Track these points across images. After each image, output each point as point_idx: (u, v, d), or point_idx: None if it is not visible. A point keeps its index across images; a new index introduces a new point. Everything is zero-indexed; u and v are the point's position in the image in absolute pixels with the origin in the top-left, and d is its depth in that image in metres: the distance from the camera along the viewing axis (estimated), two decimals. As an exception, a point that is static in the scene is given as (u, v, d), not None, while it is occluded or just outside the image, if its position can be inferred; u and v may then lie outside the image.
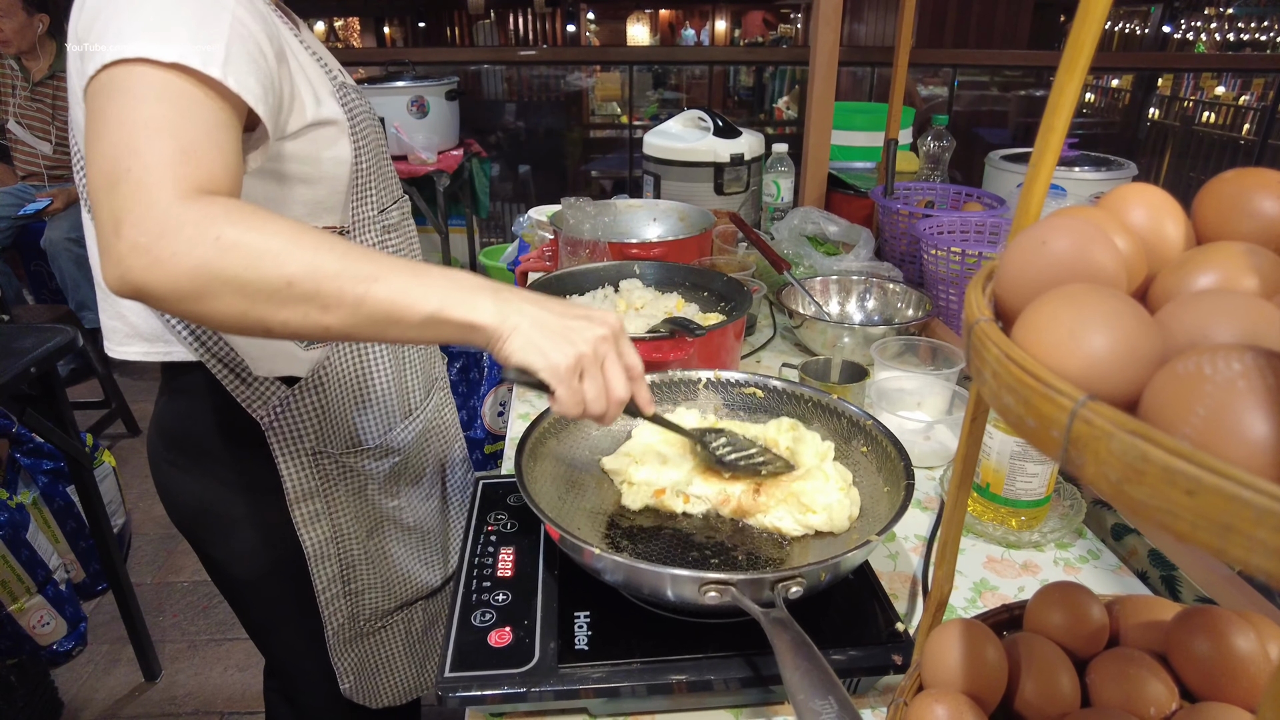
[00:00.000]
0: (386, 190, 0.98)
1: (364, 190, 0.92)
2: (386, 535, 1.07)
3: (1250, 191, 0.41)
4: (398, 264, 0.67)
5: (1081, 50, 0.39)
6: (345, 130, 0.87)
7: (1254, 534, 0.22)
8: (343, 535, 1.01)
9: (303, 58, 0.85)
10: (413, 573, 1.12)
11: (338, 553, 1.01)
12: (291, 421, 0.93)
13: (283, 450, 0.93)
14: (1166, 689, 0.51)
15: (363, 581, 1.05)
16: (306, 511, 0.97)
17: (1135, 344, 0.30)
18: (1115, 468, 0.26)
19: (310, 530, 0.98)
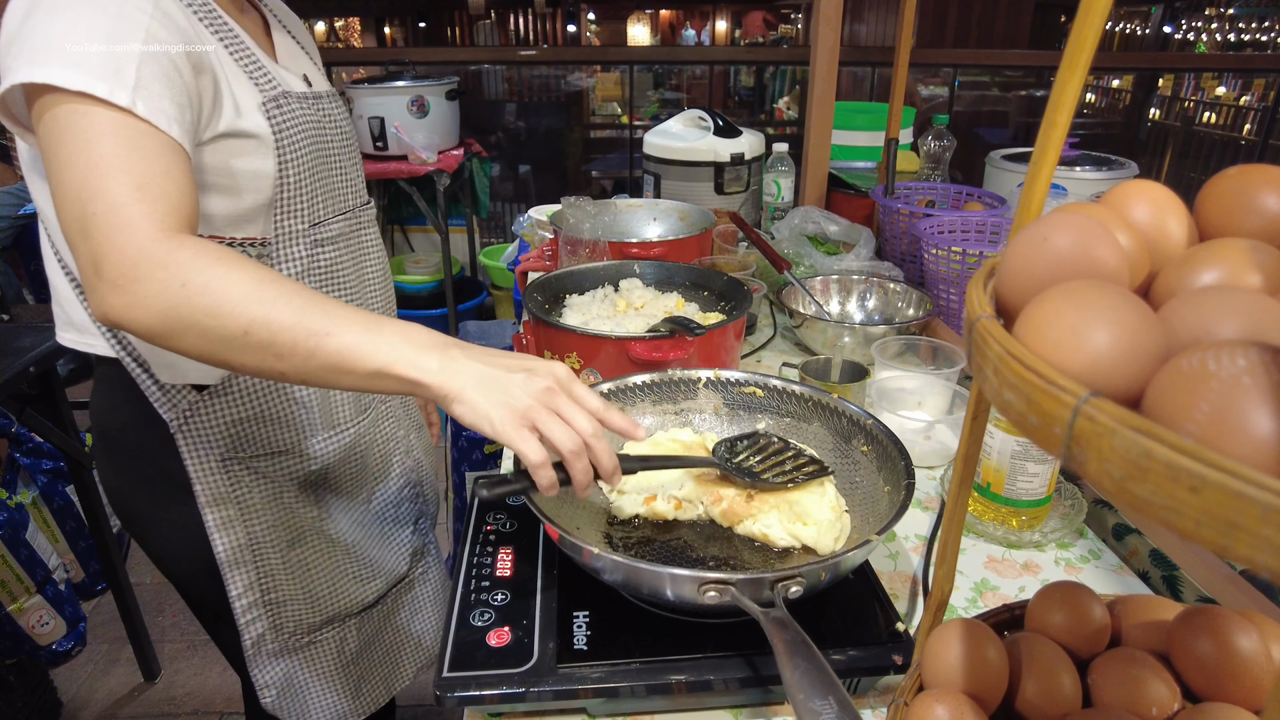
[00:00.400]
0: (328, 202, 0.95)
1: (291, 204, 0.90)
2: (309, 546, 1.04)
3: (1254, 188, 0.41)
4: (354, 318, 0.70)
5: (1083, 46, 0.39)
6: (268, 145, 0.86)
7: (1260, 531, 0.22)
8: (259, 543, 0.98)
9: (228, 69, 0.84)
10: (340, 586, 1.08)
11: (254, 560, 0.98)
12: (201, 426, 0.91)
13: (192, 453, 0.92)
14: (1169, 689, 0.51)
15: (283, 592, 1.02)
16: (218, 517, 0.95)
17: (1138, 340, 0.29)
18: (1118, 465, 0.25)
19: (223, 536, 0.95)
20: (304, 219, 0.92)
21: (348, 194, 1.00)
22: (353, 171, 1.02)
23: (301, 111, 0.90)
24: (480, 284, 3.97)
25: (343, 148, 0.99)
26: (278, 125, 0.86)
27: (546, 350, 1.23)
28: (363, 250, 1.04)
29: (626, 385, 0.99)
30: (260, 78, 0.87)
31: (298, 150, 0.88)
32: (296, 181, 0.89)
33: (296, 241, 0.92)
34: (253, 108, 0.85)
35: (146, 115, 0.71)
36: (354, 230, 1.01)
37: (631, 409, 1.00)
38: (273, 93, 0.87)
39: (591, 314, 1.31)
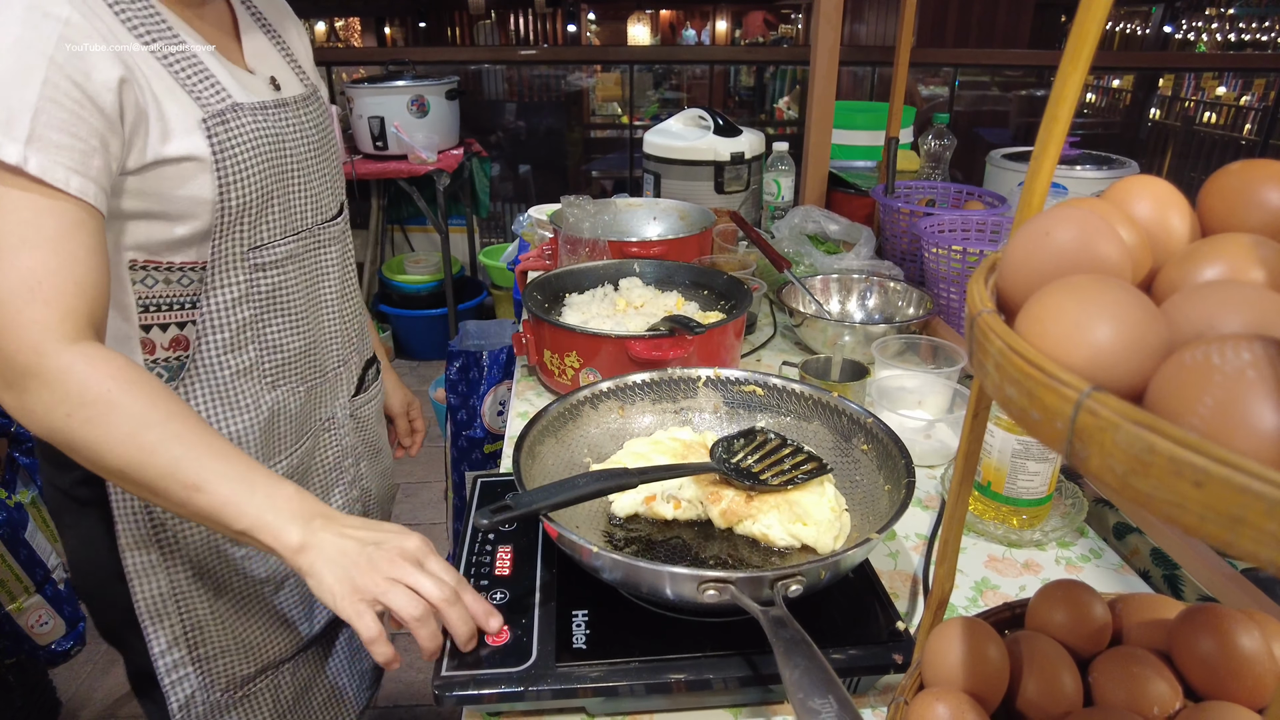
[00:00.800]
0: (278, 223, 0.89)
1: (231, 228, 0.83)
2: (237, 589, 0.96)
3: (1257, 183, 0.40)
4: (230, 471, 0.71)
5: (1085, 40, 0.39)
6: (207, 168, 0.79)
7: (1264, 526, 0.21)
8: (184, 593, 0.91)
9: (157, 86, 0.76)
10: (274, 630, 1.01)
11: (179, 610, 0.91)
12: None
13: (111, 491, 0.87)
14: (1170, 688, 0.51)
15: (214, 645, 0.95)
16: (139, 562, 0.88)
17: (1141, 335, 0.29)
18: (1121, 460, 0.25)
19: (146, 582, 0.89)
20: (243, 242, 0.85)
21: (307, 211, 0.93)
22: (320, 185, 0.95)
23: (254, 126, 0.83)
24: (480, 284, 3.97)
25: (312, 158, 0.93)
26: (220, 145, 0.79)
27: (546, 349, 1.22)
28: (319, 270, 0.97)
29: (626, 384, 0.99)
30: (203, 90, 0.80)
31: (244, 171, 0.82)
32: (240, 205, 0.83)
33: (234, 266, 0.85)
34: (190, 127, 0.78)
35: (38, 173, 0.66)
36: (309, 250, 0.94)
37: (631, 407, 1.00)
38: (217, 107, 0.80)
39: (591, 313, 1.31)
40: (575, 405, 0.95)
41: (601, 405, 0.98)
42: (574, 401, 0.95)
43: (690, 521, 0.86)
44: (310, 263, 0.95)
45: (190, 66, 0.80)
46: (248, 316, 0.88)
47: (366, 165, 3.22)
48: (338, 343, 1.03)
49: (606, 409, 0.98)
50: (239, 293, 0.87)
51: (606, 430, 0.97)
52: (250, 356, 0.90)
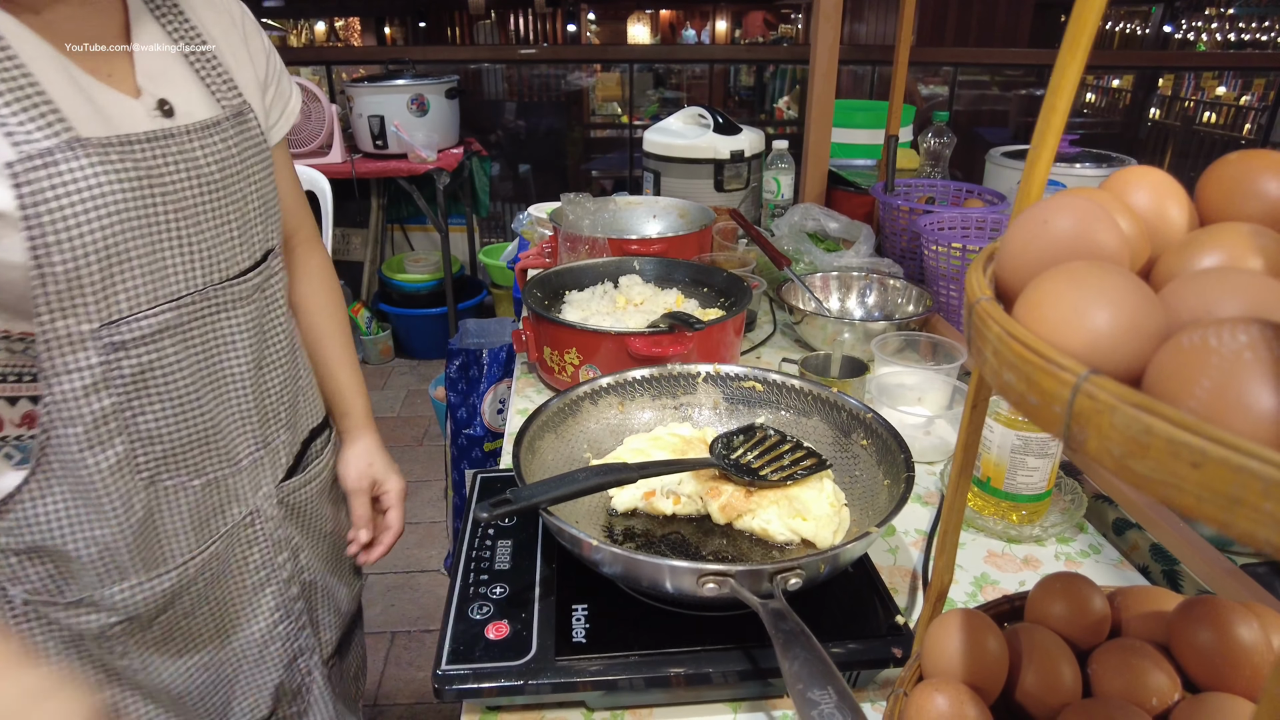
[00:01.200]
0: (145, 289, 0.71)
1: (64, 300, 0.66)
2: (123, 689, 0.83)
3: (1255, 173, 0.40)
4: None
5: (1084, 28, 0.39)
6: (13, 224, 0.62)
7: (1261, 506, 0.21)
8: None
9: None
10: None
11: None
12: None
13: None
14: (1169, 679, 0.51)
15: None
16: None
17: (1139, 320, 0.29)
18: (1119, 442, 0.25)
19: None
20: (90, 318, 0.68)
21: (194, 269, 0.75)
22: (219, 234, 0.76)
23: (101, 168, 0.65)
24: (480, 283, 3.97)
25: (207, 202, 0.75)
26: (34, 195, 0.62)
27: (546, 346, 1.23)
28: (217, 342, 0.79)
29: (626, 380, 0.99)
30: (24, 122, 0.62)
31: (74, 228, 0.64)
32: (70, 272, 0.65)
33: (78, 348, 0.68)
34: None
35: None
36: (198, 318, 0.76)
37: (630, 404, 1.00)
38: (39, 145, 0.62)
39: (591, 310, 1.31)
40: (575, 401, 0.95)
41: (601, 401, 0.98)
42: (574, 397, 0.95)
43: (689, 517, 0.86)
44: (201, 334, 0.77)
45: (13, 89, 0.62)
46: (109, 406, 0.71)
47: (366, 164, 3.22)
48: (253, 424, 0.85)
49: (606, 404, 0.98)
50: (93, 379, 0.70)
51: (606, 426, 0.98)
52: (118, 451, 0.73)
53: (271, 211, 0.85)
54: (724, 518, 0.83)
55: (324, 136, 3.15)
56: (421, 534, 2.64)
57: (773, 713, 0.72)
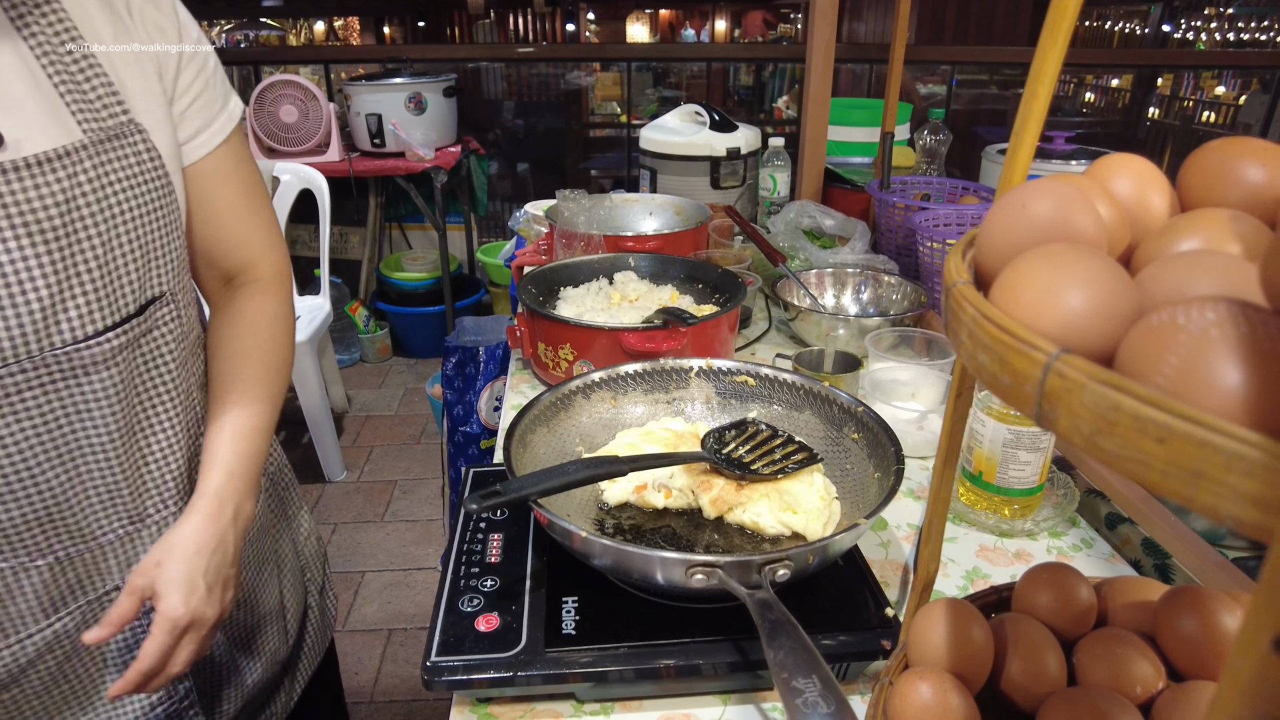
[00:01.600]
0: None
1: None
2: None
3: (1235, 160, 0.40)
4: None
5: (1064, 14, 0.39)
6: None
7: (1223, 479, 0.21)
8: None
9: None
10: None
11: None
12: None
13: None
14: (1154, 668, 0.51)
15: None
16: None
17: (1112, 300, 0.29)
18: (1088, 419, 0.25)
19: None
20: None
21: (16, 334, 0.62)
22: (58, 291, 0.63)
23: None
24: (478, 281, 3.97)
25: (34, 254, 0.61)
26: None
27: (541, 342, 1.23)
28: (67, 411, 0.67)
29: (619, 374, 0.99)
30: None
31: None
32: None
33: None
34: None
35: None
36: (33, 387, 0.64)
37: (624, 398, 1.00)
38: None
39: (586, 306, 1.31)
40: (567, 395, 0.95)
41: (594, 395, 0.98)
42: (566, 391, 0.95)
43: (681, 510, 0.86)
44: (37, 405, 0.65)
45: None
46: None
47: (364, 162, 3.22)
48: (123, 497, 0.73)
49: (599, 399, 0.98)
50: None
51: (599, 420, 0.98)
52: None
53: (160, 252, 0.71)
54: (715, 511, 0.83)
55: (322, 135, 3.16)
56: (418, 532, 2.64)
57: (762, 704, 0.72)
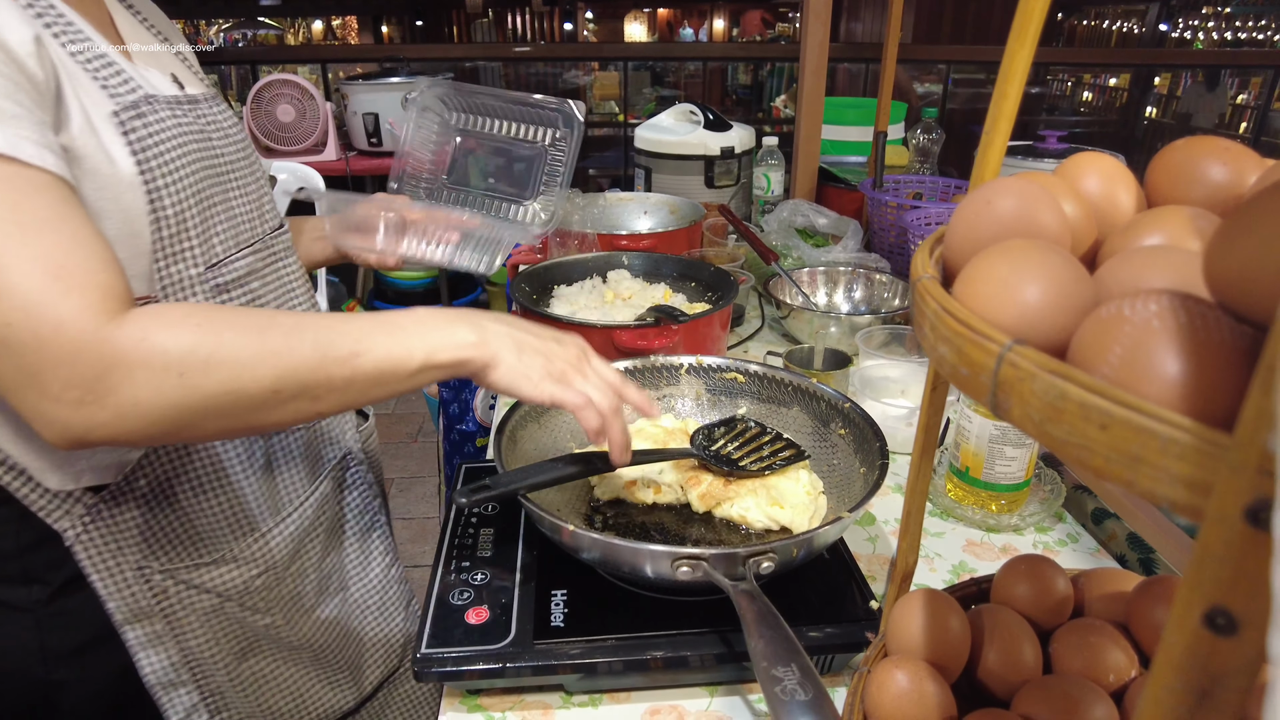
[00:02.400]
0: (230, 234, 0.77)
1: (175, 244, 0.70)
2: (265, 655, 0.86)
3: (1199, 159, 0.41)
4: (368, 327, 0.64)
5: (1031, 17, 0.40)
6: (129, 171, 0.65)
7: (1159, 463, 0.22)
8: (198, 659, 0.81)
9: (67, 66, 0.63)
10: (310, 695, 0.91)
11: (194, 679, 0.81)
12: (105, 532, 0.73)
13: (96, 567, 0.74)
14: (1126, 657, 0.52)
15: (236, 710, 0.85)
16: (142, 634, 0.77)
17: (1067, 294, 0.30)
18: (1038, 408, 0.26)
19: (151, 655, 0.78)
20: (198, 261, 0.73)
21: (254, 219, 0.81)
22: (256, 190, 0.83)
23: (174, 120, 0.71)
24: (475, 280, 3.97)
25: (243, 161, 0.81)
26: (141, 142, 0.67)
27: (533, 339, 1.23)
28: (284, 285, 0.85)
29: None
30: (111, 78, 0.67)
31: (175, 173, 0.69)
32: (179, 214, 0.70)
33: (192, 291, 0.73)
34: (101, 122, 0.64)
35: (9, 149, 0.54)
36: (268, 263, 0.83)
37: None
38: (128, 99, 0.67)
39: (579, 304, 1.32)
40: (558, 392, 0.96)
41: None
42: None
43: (670, 506, 0.87)
44: (273, 278, 0.84)
45: (92, 54, 0.67)
46: None
47: (361, 161, 3.23)
48: None
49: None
50: None
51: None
52: None
53: (267, 181, 0.90)
54: (704, 506, 0.84)
55: (319, 134, 3.16)
56: (415, 530, 2.65)
57: (749, 696, 0.73)
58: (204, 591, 0.80)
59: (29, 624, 0.75)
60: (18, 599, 0.74)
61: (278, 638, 0.86)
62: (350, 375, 0.62)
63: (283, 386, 0.59)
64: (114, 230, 0.66)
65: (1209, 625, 0.21)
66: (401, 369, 0.64)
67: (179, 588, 0.79)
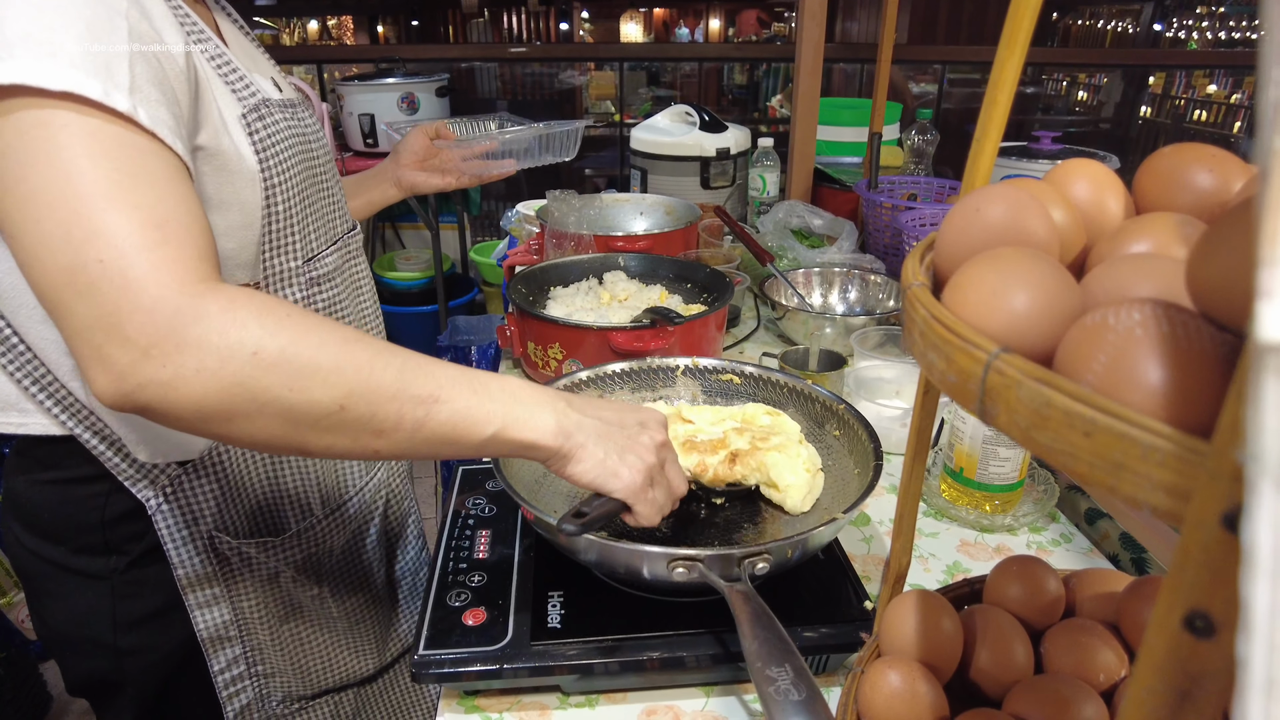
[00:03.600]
0: (322, 231, 0.83)
1: (282, 237, 0.76)
2: (305, 621, 0.93)
3: (1186, 165, 0.42)
4: (456, 378, 0.61)
5: (1020, 25, 0.41)
6: (252, 167, 0.71)
7: (1140, 469, 0.23)
8: (246, 620, 0.87)
9: (206, 70, 0.68)
10: (338, 660, 0.97)
11: (240, 636, 0.87)
12: (184, 504, 0.79)
13: (172, 534, 0.79)
14: (1117, 656, 0.53)
15: (271, 665, 0.91)
16: (201, 597, 0.83)
17: (1055, 302, 0.31)
18: (1024, 415, 0.27)
19: (206, 614, 0.84)
20: (298, 254, 0.78)
21: (337, 219, 0.88)
22: (338, 191, 0.89)
23: (285, 123, 0.76)
24: (471, 280, 3.98)
25: (329, 164, 0.87)
26: (262, 142, 0.72)
27: (530, 341, 1.24)
28: (356, 284, 0.91)
29: (605, 373, 1.01)
30: (236, 83, 0.72)
31: (286, 171, 0.75)
32: (286, 210, 0.75)
33: (289, 283, 0.78)
34: (232, 122, 0.70)
35: (150, 125, 0.56)
36: (347, 261, 0.89)
37: (610, 396, 1.01)
38: (252, 101, 0.73)
39: (575, 306, 1.33)
40: (555, 394, 0.97)
41: (581, 393, 0.99)
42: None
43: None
44: (350, 275, 0.89)
45: (222, 60, 0.72)
46: None
47: (357, 162, 3.23)
48: None
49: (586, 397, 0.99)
50: None
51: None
52: None
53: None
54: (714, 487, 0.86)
55: (315, 135, 3.16)
56: (412, 530, 2.65)
57: (744, 696, 0.74)
58: (264, 564, 0.86)
59: (104, 591, 0.80)
60: (97, 568, 0.79)
61: (321, 608, 0.93)
62: (422, 419, 0.58)
63: (351, 404, 0.56)
64: (233, 220, 0.71)
65: (1189, 628, 0.22)
66: (475, 432, 0.60)
67: (242, 559, 0.84)
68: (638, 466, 0.66)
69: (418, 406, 0.58)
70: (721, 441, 0.87)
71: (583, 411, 0.67)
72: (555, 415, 0.64)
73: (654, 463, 0.67)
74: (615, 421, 0.68)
